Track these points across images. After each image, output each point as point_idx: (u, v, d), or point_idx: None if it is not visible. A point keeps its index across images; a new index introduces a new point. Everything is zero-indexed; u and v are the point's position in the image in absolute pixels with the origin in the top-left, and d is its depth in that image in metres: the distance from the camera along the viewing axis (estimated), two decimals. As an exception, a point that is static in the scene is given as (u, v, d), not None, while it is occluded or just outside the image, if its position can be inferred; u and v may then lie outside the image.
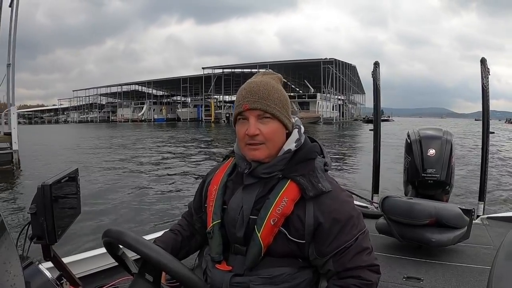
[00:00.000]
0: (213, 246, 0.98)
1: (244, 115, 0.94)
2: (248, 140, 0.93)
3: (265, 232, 0.91)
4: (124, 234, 0.92)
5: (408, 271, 1.91)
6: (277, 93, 0.95)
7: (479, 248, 2.21)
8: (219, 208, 0.98)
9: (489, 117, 3.03)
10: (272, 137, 0.93)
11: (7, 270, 0.62)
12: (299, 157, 0.96)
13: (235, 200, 0.97)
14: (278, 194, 0.92)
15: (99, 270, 1.57)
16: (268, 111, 0.93)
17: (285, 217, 0.91)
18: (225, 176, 1.02)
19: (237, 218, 0.95)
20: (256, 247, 0.92)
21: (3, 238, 0.64)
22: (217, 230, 0.97)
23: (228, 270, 0.95)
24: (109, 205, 6.31)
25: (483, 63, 2.97)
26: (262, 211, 0.92)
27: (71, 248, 3.67)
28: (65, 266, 1.10)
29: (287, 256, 0.94)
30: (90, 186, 7.48)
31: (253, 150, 0.93)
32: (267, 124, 0.93)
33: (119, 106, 69.32)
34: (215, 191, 1.01)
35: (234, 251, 0.96)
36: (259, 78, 1.00)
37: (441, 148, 2.50)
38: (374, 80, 3.23)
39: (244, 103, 0.93)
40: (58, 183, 0.99)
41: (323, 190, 0.91)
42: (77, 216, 1.16)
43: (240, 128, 0.95)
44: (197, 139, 21.79)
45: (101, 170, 10.13)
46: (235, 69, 56.89)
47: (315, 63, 48.47)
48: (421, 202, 2.12)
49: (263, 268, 0.92)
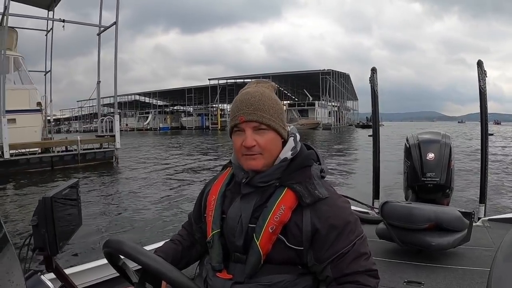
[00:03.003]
0: (213, 255, 0.99)
1: (240, 127, 0.95)
2: (245, 151, 0.95)
3: (263, 240, 0.92)
4: (124, 244, 0.94)
5: (409, 275, 1.91)
6: (271, 103, 0.97)
7: (480, 250, 2.20)
8: (218, 217, 0.99)
9: (487, 119, 3.04)
10: (268, 147, 0.95)
11: (10, 279, 0.64)
12: (295, 165, 0.98)
13: (234, 209, 0.98)
14: (275, 202, 0.93)
15: (101, 281, 1.58)
16: (264, 122, 0.94)
17: (283, 225, 0.92)
18: (223, 186, 1.03)
19: (236, 227, 0.96)
20: (255, 255, 0.93)
21: (6, 249, 0.66)
22: (217, 240, 0.98)
23: (229, 278, 0.95)
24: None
25: (480, 66, 2.98)
26: (260, 219, 0.93)
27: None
28: (67, 277, 1.12)
29: (287, 263, 0.94)
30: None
31: (250, 160, 0.95)
32: (263, 135, 0.94)
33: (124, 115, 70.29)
34: (213, 201, 1.02)
35: (234, 260, 0.97)
36: (253, 88, 1.00)
37: (440, 152, 2.50)
38: (372, 86, 3.24)
39: (240, 115, 0.94)
40: (59, 195, 1.01)
41: (319, 196, 0.92)
42: (78, 227, 1.17)
43: (236, 139, 0.96)
44: (211, 141, 26.32)
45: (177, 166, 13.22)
46: (238, 79, 58.46)
47: (314, 74, 51.44)
48: (420, 207, 2.13)
49: (263, 275, 0.93)
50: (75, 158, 12.26)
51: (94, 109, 72.84)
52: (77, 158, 12.27)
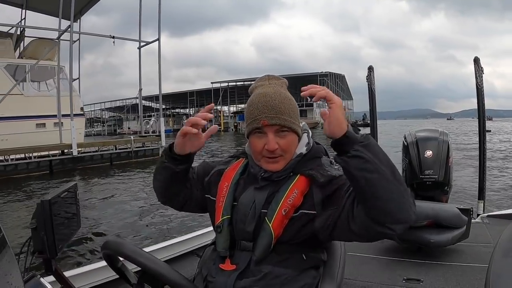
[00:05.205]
0: (220, 241, 0.99)
1: (262, 130, 0.97)
2: (266, 154, 0.97)
3: (276, 221, 0.93)
4: (122, 245, 0.95)
5: (408, 273, 1.91)
6: (290, 104, 0.98)
7: (479, 246, 2.20)
8: (230, 204, 1.00)
9: (485, 115, 3.04)
10: (289, 148, 0.98)
11: (8, 281, 0.65)
12: (307, 157, 1.01)
13: (246, 196, 0.99)
14: (288, 187, 0.96)
15: (100, 283, 1.59)
16: (286, 125, 0.96)
17: (295, 208, 0.94)
18: (237, 175, 1.05)
19: (248, 212, 0.97)
20: (267, 237, 0.93)
21: (4, 252, 0.67)
22: (226, 226, 0.99)
23: (232, 269, 0.95)
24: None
25: (477, 62, 2.99)
26: (273, 203, 0.95)
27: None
28: (67, 280, 1.13)
29: (294, 252, 0.95)
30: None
31: (272, 163, 0.97)
32: (285, 138, 0.96)
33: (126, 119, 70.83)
34: (226, 188, 1.03)
35: (240, 248, 0.98)
36: (268, 87, 1.01)
37: (438, 149, 2.51)
38: (369, 85, 3.25)
39: (262, 119, 0.95)
40: (57, 198, 1.03)
41: (333, 175, 0.95)
42: (77, 230, 1.19)
43: (256, 141, 0.97)
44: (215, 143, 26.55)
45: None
46: (238, 82, 59.36)
47: (313, 76, 53.01)
48: (419, 204, 2.11)
49: (266, 264, 0.94)
50: (129, 155, 14.12)
51: (93, 114, 73.43)
52: (131, 154, 14.14)
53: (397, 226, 0.82)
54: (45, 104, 13.60)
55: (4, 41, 13.63)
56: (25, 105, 13.02)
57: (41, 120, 13.59)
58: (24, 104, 13.01)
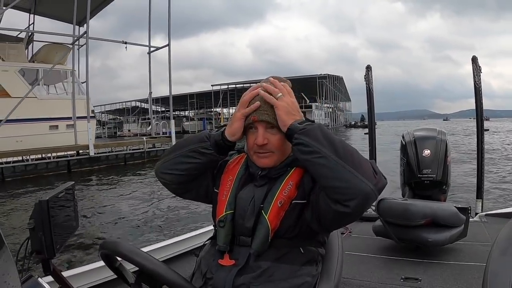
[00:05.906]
0: (222, 235, 1.00)
1: (254, 125, 0.99)
2: (256, 149, 0.99)
3: (272, 214, 0.95)
4: (120, 245, 0.96)
5: (406, 272, 1.91)
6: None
7: (477, 245, 2.21)
8: (233, 198, 1.01)
9: (483, 115, 3.05)
10: (280, 146, 0.99)
11: (6, 281, 0.65)
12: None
13: (246, 191, 1.01)
14: (284, 179, 0.98)
15: (98, 283, 1.59)
16: (275, 123, 0.97)
17: (291, 200, 0.96)
18: (242, 170, 1.06)
19: (247, 208, 0.98)
20: (263, 229, 0.95)
21: (1, 252, 0.67)
22: (229, 220, 1.00)
23: (231, 264, 0.96)
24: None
25: (474, 61, 2.99)
26: (269, 196, 0.97)
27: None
28: (65, 280, 1.13)
29: (291, 246, 0.96)
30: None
31: (262, 158, 0.99)
32: (275, 135, 0.98)
33: (126, 121, 70.84)
34: (230, 181, 1.04)
35: (239, 243, 0.99)
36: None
37: (436, 148, 2.51)
38: (367, 84, 3.26)
39: (253, 115, 0.98)
40: (55, 198, 1.03)
41: None
42: (75, 230, 1.19)
43: (249, 136, 1.01)
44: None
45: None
46: (238, 84, 59.64)
47: (312, 78, 53.00)
48: (416, 203, 2.14)
49: (265, 260, 0.95)
50: (142, 155, 14.94)
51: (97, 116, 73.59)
52: (143, 154, 14.97)
53: (350, 202, 0.84)
54: (57, 107, 14.17)
55: (16, 46, 14.07)
56: (38, 107, 13.53)
57: (54, 122, 14.17)
58: (38, 107, 13.51)
